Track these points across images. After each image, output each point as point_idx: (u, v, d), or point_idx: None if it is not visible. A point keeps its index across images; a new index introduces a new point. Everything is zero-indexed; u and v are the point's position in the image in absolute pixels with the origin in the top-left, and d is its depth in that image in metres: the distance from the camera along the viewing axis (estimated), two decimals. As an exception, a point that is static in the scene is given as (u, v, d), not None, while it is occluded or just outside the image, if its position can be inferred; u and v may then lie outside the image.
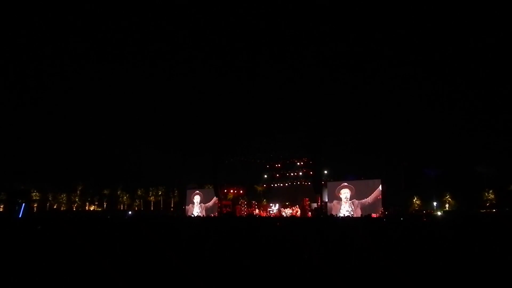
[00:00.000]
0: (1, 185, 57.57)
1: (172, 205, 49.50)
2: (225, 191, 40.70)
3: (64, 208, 56.92)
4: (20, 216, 29.46)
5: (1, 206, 55.92)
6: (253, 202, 39.27)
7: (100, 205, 57.41)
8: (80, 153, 61.20)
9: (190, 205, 43.05)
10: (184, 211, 43.60)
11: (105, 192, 55.56)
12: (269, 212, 37.52)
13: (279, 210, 36.97)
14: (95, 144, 61.71)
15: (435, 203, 34.92)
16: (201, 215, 40.81)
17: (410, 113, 45.13)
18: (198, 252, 9.38)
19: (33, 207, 55.36)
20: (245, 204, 38.96)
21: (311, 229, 16.16)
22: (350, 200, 32.93)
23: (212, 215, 38.87)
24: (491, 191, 33.95)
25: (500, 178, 34.33)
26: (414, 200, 36.12)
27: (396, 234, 13.68)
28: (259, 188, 42.99)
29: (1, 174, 57.67)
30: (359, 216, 31.12)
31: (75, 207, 57.38)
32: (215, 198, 40.13)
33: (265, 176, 41.90)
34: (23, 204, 34.18)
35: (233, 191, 41.31)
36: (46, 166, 59.28)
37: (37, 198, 57.60)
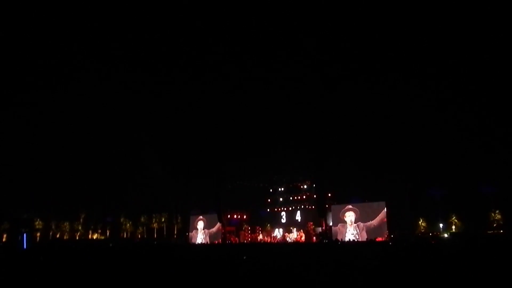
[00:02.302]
0: (4, 213, 57.23)
1: (175, 232, 49.06)
2: (229, 216, 40.44)
3: (67, 237, 56.41)
4: (24, 247, 29.18)
5: (4, 235, 55.54)
6: (257, 227, 38.94)
7: (103, 233, 56.92)
8: (82, 180, 60.91)
9: (194, 231, 42.71)
10: (187, 238, 43.20)
11: (108, 219, 55.25)
12: (274, 238, 37.18)
13: (283, 236, 36.64)
14: (97, 172, 61.47)
15: (441, 225, 34.47)
16: (205, 242, 40.43)
17: (413, 132, 44.92)
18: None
19: (36, 236, 54.93)
20: (249, 230, 38.64)
21: (317, 257, 15.90)
22: (355, 223, 32.60)
23: (216, 242, 38.51)
24: (497, 211, 33.55)
25: (506, 198, 33.96)
26: (420, 222, 35.68)
27: (404, 259, 13.45)
28: None
29: (4, 202, 57.40)
30: (365, 239, 30.76)
31: (78, 235, 56.86)
32: (218, 224, 39.83)
33: (268, 200, 41.71)
34: (26, 234, 33.90)
35: (237, 216, 41.03)
36: (48, 194, 58.95)
37: (40, 227, 57.19)
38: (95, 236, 57.07)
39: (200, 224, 42.28)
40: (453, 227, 34.61)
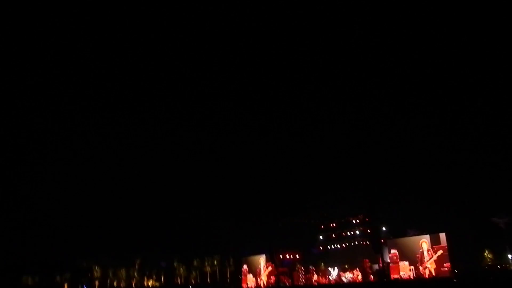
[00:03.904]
0: (64, 262, 59.13)
1: (228, 275, 48.52)
2: (281, 256, 39.41)
3: (124, 285, 57.32)
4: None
5: (65, 285, 57.17)
6: (311, 267, 37.59)
7: (158, 278, 57.39)
8: (137, 225, 62.46)
9: (246, 274, 41.84)
10: (240, 282, 42.36)
11: (162, 265, 55.81)
12: (328, 278, 35.70)
13: (338, 275, 35.11)
14: (150, 216, 62.90)
15: (510, 256, 31.77)
16: (258, 285, 39.44)
17: (471, 157, 42.63)
18: None
19: (95, 285, 56.21)
20: (303, 270, 37.34)
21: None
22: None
23: (269, 285, 37.46)
24: None
25: None
26: (486, 254, 33.06)
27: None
28: None
29: (63, 251, 59.53)
30: (425, 276, 28.79)
31: (134, 282, 57.65)
32: (270, 265, 38.81)
33: (321, 237, 40.38)
34: (86, 284, 34.69)
35: (289, 256, 39.90)
36: (105, 240, 60.73)
37: (98, 275, 58.55)
38: (150, 283, 57.62)
39: (252, 266, 41.41)
40: (524, 257, 31.92)
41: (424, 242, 30.21)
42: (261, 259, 40.71)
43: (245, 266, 41.99)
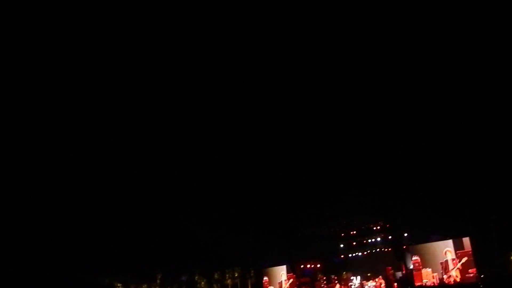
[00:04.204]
0: (85, 280, 59.43)
1: (249, 287, 48.14)
2: (302, 266, 39.08)
3: (146, 301, 57.23)
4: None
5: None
6: (333, 276, 37.15)
7: (179, 293, 57.18)
8: (157, 239, 62.52)
9: (267, 286, 41.55)
10: (261, 293, 42.08)
11: (183, 279, 55.57)
12: (351, 287, 35.27)
13: (361, 284, 34.67)
14: (170, 229, 62.83)
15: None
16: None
17: (492, 158, 41.50)
18: None
19: (119, 302, 56.31)
20: (325, 280, 36.93)
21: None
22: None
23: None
24: None
25: None
26: (511, 257, 32.14)
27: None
28: None
29: (84, 268, 59.89)
30: (450, 282, 28.13)
31: (156, 297, 57.58)
32: (292, 276, 38.50)
33: (341, 245, 39.92)
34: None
35: (310, 265, 39.52)
36: (126, 256, 60.92)
37: (121, 292, 58.66)
38: (172, 298, 57.46)
39: (273, 277, 41.13)
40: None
41: (448, 251, 29.55)
42: (282, 270, 40.42)
43: (265, 278, 41.71)
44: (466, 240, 29.47)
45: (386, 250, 35.71)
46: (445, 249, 29.74)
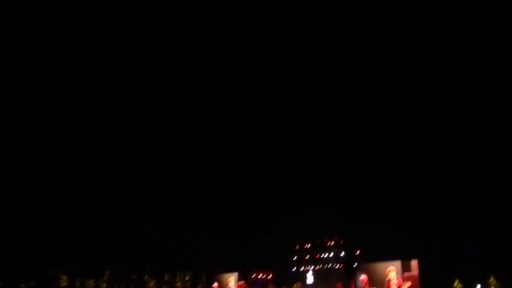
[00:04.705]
0: (30, 270, 57.12)
1: (199, 291, 47.66)
2: (254, 275, 39.04)
3: (92, 296, 55.57)
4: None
5: (30, 293, 55.17)
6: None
7: (127, 291, 55.83)
8: (107, 235, 60.83)
9: (218, 291, 41.25)
10: (211, 299, 41.70)
11: (132, 277, 54.29)
12: (300, 300, 35.50)
13: (310, 298, 34.93)
14: (122, 226, 61.33)
15: (478, 286, 31.94)
16: (229, 303, 38.89)
17: (445, 185, 42.89)
18: None
19: (61, 295, 54.37)
20: (275, 291, 37.05)
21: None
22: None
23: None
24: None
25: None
26: (455, 284, 33.18)
27: None
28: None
29: (29, 258, 57.56)
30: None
31: (103, 294, 56.01)
32: (243, 285, 38.37)
33: (294, 257, 40.16)
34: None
35: (262, 275, 39.56)
36: (73, 249, 58.91)
37: (65, 284, 56.62)
38: (119, 296, 56.03)
39: (223, 284, 40.87)
40: (492, 288, 31.99)
41: (391, 270, 29.19)
42: (232, 277, 40.21)
43: (215, 284, 41.37)
44: (415, 263, 29.96)
45: (338, 266, 36.15)
46: (388, 268, 29.29)
